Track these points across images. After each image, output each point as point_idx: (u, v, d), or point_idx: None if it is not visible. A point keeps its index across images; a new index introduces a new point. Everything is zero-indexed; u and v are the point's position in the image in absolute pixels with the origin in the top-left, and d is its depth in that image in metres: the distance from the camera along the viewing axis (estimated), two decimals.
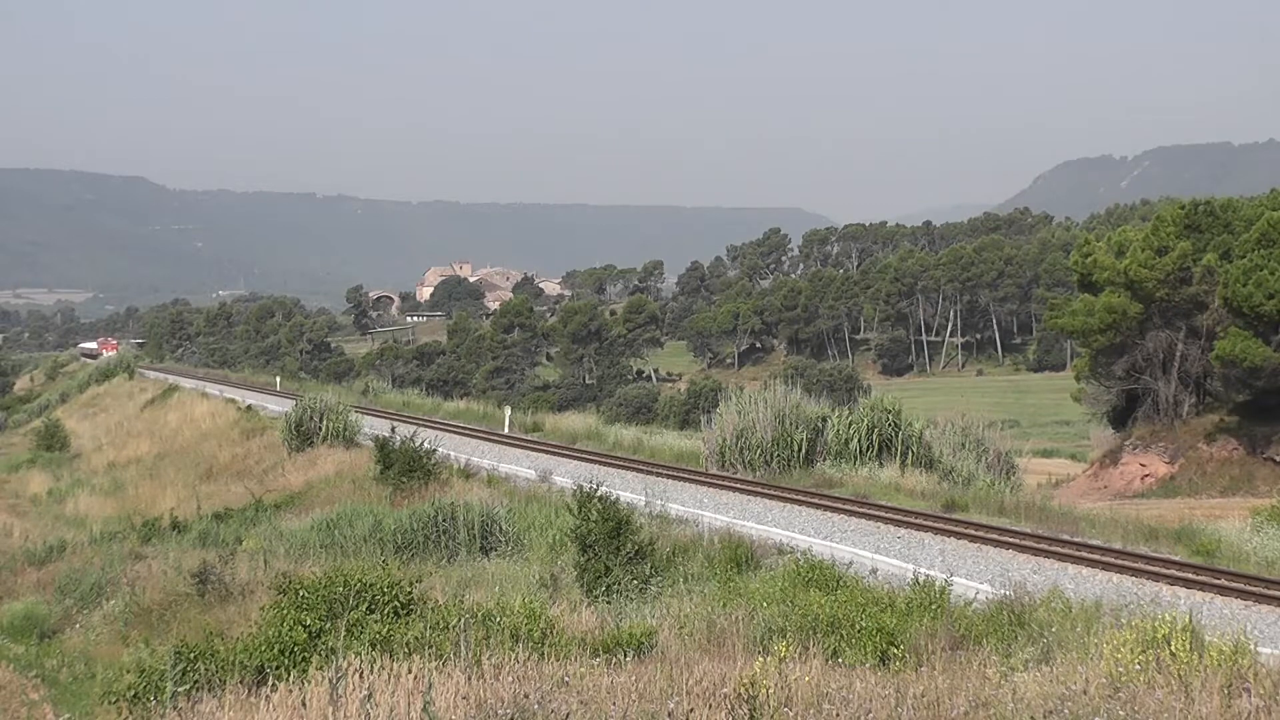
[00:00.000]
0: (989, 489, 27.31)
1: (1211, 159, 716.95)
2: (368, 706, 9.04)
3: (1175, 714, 8.85)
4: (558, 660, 11.16)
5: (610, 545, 17.46)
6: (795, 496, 25.43)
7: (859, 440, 29.59)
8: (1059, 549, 20.00)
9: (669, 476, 28.97)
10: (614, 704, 9.18)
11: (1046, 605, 14.19)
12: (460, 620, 12.32)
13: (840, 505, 24.33)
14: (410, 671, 9.84)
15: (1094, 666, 10.29)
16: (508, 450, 35.67)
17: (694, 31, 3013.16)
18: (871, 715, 9.12)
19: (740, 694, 9.25)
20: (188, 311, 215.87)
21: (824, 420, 30.76)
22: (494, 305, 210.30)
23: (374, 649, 11.44)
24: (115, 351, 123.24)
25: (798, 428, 30.07)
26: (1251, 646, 10.61)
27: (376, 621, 12.99)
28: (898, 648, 12.54)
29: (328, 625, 12.94)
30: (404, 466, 27.98)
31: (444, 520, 21.98)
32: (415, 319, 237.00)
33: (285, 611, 13.30)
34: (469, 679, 9.82)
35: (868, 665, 11.90)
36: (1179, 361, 50.11)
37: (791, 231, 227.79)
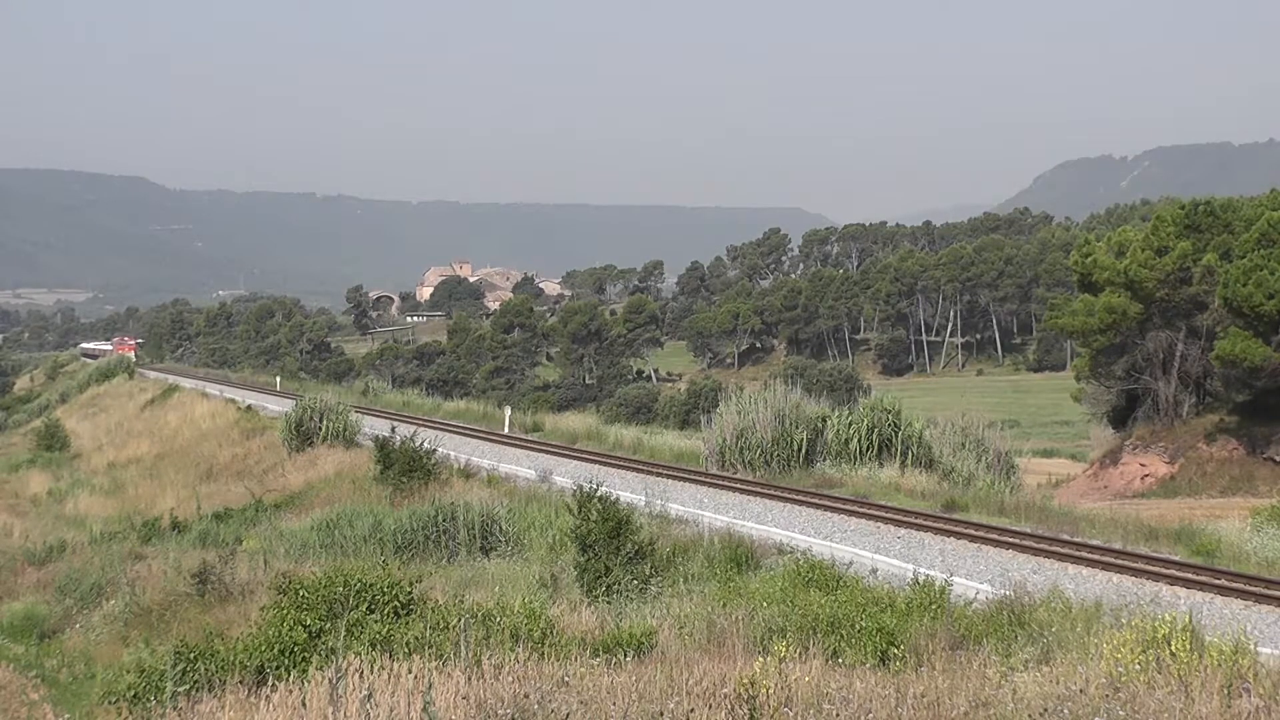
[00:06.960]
0: (989, 489, 27.28)
1: (1211, 159, 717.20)
2: (368, 706, 9.03)
3: (1175, 714, 8.84)
4: (558, 660, 11.15)
5: (610, 545, 17.44)
6: (795, 496, 25.41)
7: (859, 440, 29.57)
8: (1059, 549, 19.99)
9: (669, 476, 28.95)
10: (614, 704, 9.18)
11: (1046, 605, 14.17)
12: (460, 620, 12.32)
13: (840, 505, 24.32)
14: (410, 671, 9.84)
15: (1094, 666, 10.29)
16: (508, 450, 35.65)
17: (694, 31, 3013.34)
18: (871, 715, 9.12)
19: (740, 694, 9.25)
20: (188, 311, 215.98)
21: (824, 420, 30.73)
22: (494, 305, 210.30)
23: (374, 649, 11.44)
24: (133, 352, 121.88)
25: (798, 428, 30.05)
26: (1251, 646, 10.61)
27: (376, 621, 12.99)
28: (898, 648, 12.53)
29: (328, 625, 12.95)
30: (404, 466, 27.97)
31: (444, 520, 21.98)
32: (415, 319, 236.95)
33: (285, 611, 13.30)
34: (469, 679, 9.82)
35: (868, 665, 11.89)
36: (1179, 361, 50.09)
37: (791, 231, 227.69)
